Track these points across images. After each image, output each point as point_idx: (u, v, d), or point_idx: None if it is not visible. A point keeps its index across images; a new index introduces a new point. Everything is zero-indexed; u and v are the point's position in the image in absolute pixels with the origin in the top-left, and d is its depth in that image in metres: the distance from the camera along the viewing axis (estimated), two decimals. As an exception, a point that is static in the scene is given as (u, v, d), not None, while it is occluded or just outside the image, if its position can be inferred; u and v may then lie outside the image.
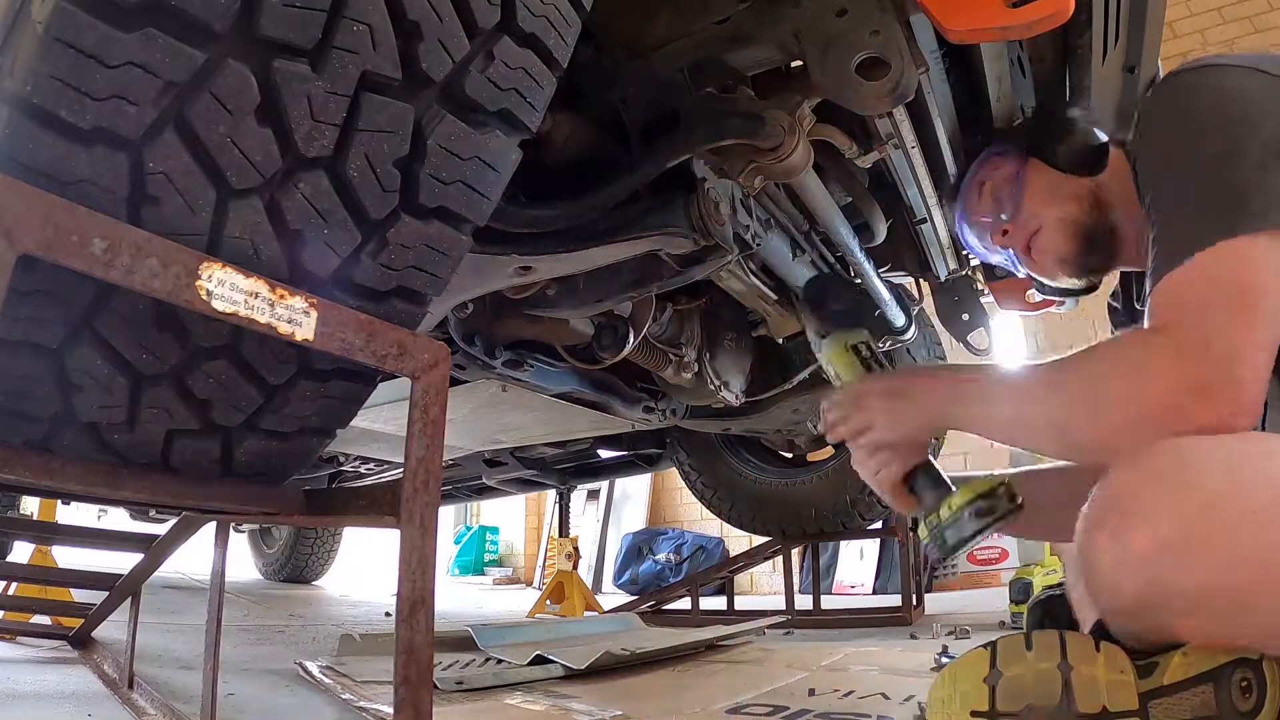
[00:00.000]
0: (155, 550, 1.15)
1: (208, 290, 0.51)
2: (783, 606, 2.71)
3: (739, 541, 5.03)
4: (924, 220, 1.58)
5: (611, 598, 4.53)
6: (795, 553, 2.87)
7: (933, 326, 2.41)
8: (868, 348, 0.95)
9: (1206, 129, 0.74)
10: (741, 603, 3.13)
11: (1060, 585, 1.08)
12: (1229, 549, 0.58)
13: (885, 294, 1.75)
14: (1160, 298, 0.71)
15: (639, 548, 5.73)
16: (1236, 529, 0.58)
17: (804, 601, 2.75)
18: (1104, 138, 1.00)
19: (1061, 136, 1.00)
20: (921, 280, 2.00)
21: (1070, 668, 0.63)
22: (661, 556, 5.56)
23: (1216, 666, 0.60)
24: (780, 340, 1.88)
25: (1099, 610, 0.69)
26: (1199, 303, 0.67)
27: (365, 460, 2.66)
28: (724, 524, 3.20)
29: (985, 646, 0.68)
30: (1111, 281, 1.12)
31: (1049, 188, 1.01)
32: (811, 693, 1.21)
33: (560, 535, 3.94)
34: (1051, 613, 1.07)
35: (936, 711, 0.69)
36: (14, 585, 1.87)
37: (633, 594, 4.79)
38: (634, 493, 6.25)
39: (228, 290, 0.52)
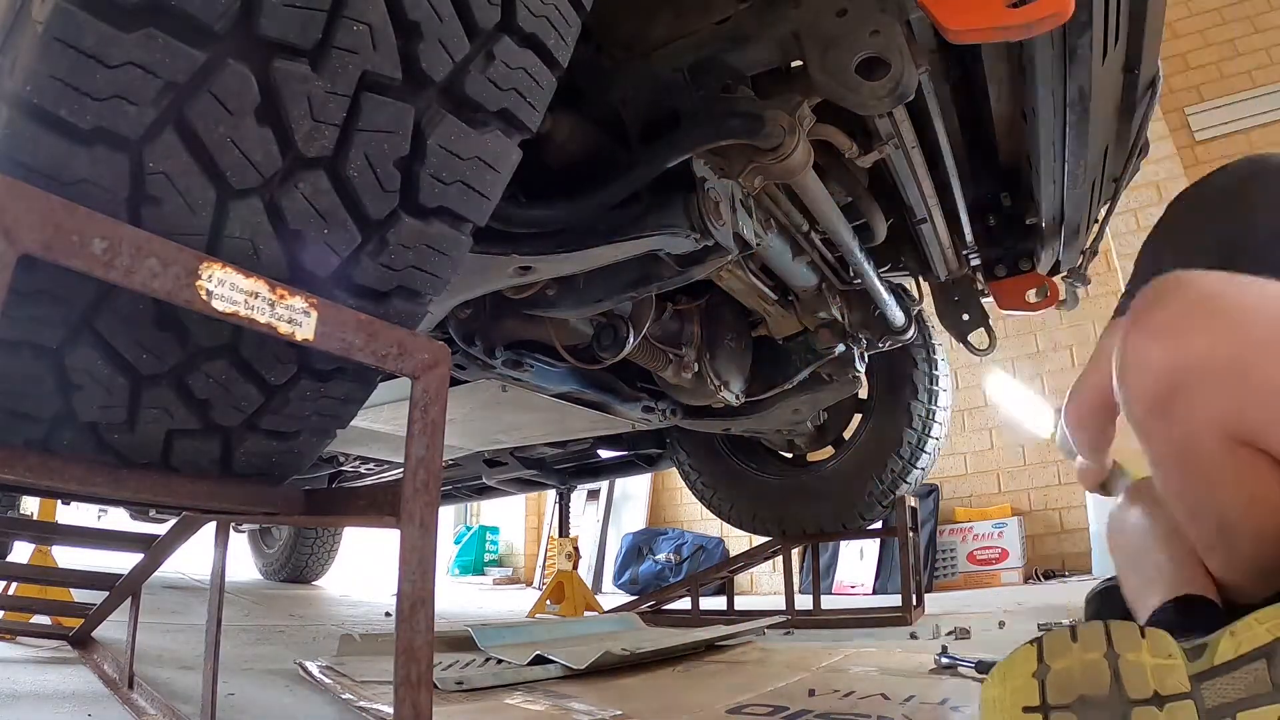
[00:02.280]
0: (155, 550, 1.14)
1: (208, 290, 0.51)
2: (783, 606, 2.71)
3: (739, 541, 5.03)
4: (924, 220, 1.58)
5: (611, 598, 4.53)
6: (795, 553, 2.87)
7: (932, 326, 2.41)
8: None
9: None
10: (741, 603, 3.13)
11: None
12: (1244, 317, 0.68)
13: (885, 294, 1.75)
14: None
15: (639, 548, 5.73)
16: (1231, 314, 0.68)
17: (804, 601, 2.75)
18: None
19: None
20: (921, 280, 2.00)
21: (1117, 656, 0.64)
22: (661, 556, 5.56)
23: (1269, 642, 0.60)
24: (780, 340, 1.89)
25: (1135, 419, 0.77)
26: None
27: (365, 460, 2.67)
28: (724, 524, 3.20)
29: (1031, 643, 0.69)
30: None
31: None
32: (811, 693, 1.21)
33: (560, 535, 3.94)
34: (1109, 602, 1.07)
35: (989, 711, 0.69)
36: (14, 585, 1.87)
37: (633, 594, 4.79)
38: (634, 493, 6.25)
39: (228, 290, 0.52)
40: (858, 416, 2.63)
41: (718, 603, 3.07)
